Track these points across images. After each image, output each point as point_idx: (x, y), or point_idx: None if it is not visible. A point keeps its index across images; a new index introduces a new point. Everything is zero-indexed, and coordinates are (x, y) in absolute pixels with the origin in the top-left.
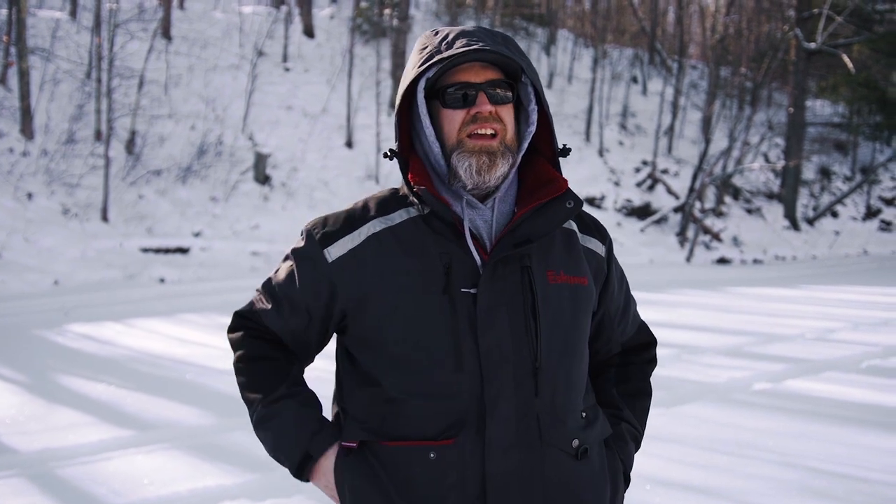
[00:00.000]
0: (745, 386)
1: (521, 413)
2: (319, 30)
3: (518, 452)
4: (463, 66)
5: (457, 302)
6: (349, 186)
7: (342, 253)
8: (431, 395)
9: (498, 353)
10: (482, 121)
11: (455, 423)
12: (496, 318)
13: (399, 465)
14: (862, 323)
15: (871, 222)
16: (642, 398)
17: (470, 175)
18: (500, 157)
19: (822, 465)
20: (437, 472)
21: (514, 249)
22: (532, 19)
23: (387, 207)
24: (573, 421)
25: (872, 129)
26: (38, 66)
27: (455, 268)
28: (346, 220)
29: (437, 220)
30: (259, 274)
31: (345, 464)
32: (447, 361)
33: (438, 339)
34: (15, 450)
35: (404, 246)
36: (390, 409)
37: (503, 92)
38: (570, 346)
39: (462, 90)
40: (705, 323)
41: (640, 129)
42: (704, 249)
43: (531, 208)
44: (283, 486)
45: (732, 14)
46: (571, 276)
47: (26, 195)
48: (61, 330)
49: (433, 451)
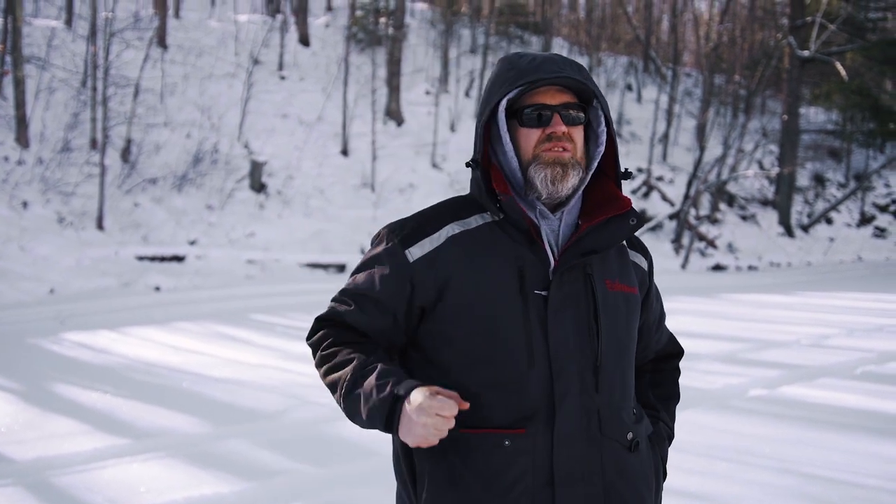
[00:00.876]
0: (740, 392)
1: (585, 408)
2: (315, 38)
3: (582, 444)
4: (541, 89)
5: (529, 303)
6: (345, 194)
7: (423, 253)
8: (505, 388)
9: (564, 352)
10: (556, 139)
11: (527, 414)
12: (563, 319)
13: (475, 451)
14: (857, 329)
15: (866, 229)
16: (673, 401)
17: (545, 185)
18: (572, 169)
19: (818, 471)
20: (512, 459)
21: (580, 258)
22: (527, 27)
23: (462, 212)
24: (627, 416)
25: (866, 136)
26: (33, 74)
27: (527, 271)
28: (424, 223)
29: (511, 226)
30: (255, 282)
31: (421, 454)
32: (520, 358)
33: (513, 337)
34: (10, 458)
35: (481, 247)
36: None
37: (575, 113)
38: (624, 348)
39: (538, 111)
40: (701, 329)
41: (634, 137)
42: (699, 256)
43: (598, 221)
44: (282, 494)
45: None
46: (625, 286)
47: (21, 204)
48: (57, 338)
49: (507, 439)
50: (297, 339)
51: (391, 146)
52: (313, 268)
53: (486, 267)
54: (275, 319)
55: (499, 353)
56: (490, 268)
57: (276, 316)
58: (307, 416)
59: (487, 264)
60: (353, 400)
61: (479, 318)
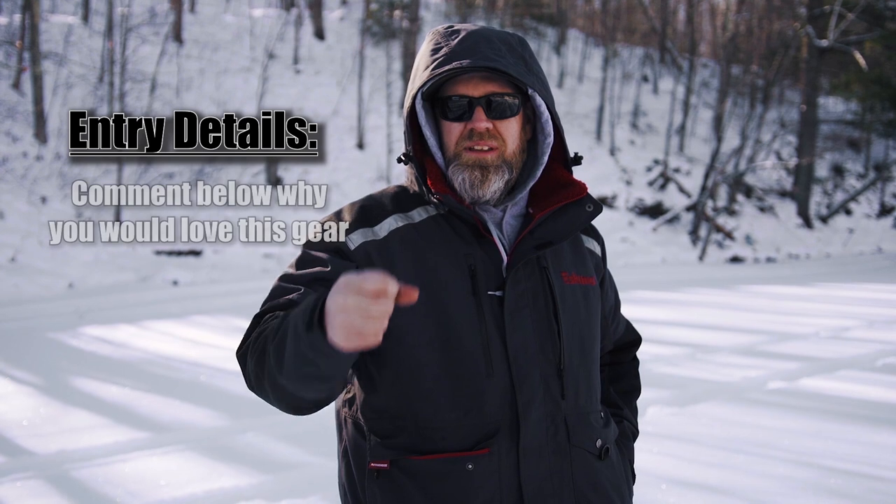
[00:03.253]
0: (759, 385)
1: (551, 416)
2: (330, 32)
3: (549, 456)
4: (464, 76)
5: (483, 305)
6: (360, 188)
7: (363, 240)
8: (462, 404)
9: (525, 357)
10: (477, 137)
11: (490, 431)
12: (521, 320)
13: (435, 479)
14: (877, 321)
15: (886, 219)
16: (634, 395)
17: (464, 189)
18: (494, 173)
19: (838, 464)
20: (476, 483)
21: (535, 251)
22: (542, 19)
23: (404, 204)
24: (595, 421)
25: (885, 125)
26: (51, 70)
27: (479, 269)
28: (361, 211)
29: (455, 219)
30: (271, 275)
31: (376, 487)
32: (477, 366)
33: (468, 344)
34: (31, 452)
35: (427, 244)
36: (415, 422)
37: (507, 102)
38: (588, 347)
39: (458, 103)
40: (719, 322)
41: (651, 128)
42: (717, 248)
43: (550, 210)
44: (299, 486)
45: (743, 12)
46: (582, 277)
47: (40, 199)
48: (75, 333)
49: (470, 462)
50: None
51: None
52: None
53: (435, 266)
54: None
55: (453, 364)
56: (439, 267)
57: None
58: (324, 409)
59: (435, 263)
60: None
61: (433, 322)
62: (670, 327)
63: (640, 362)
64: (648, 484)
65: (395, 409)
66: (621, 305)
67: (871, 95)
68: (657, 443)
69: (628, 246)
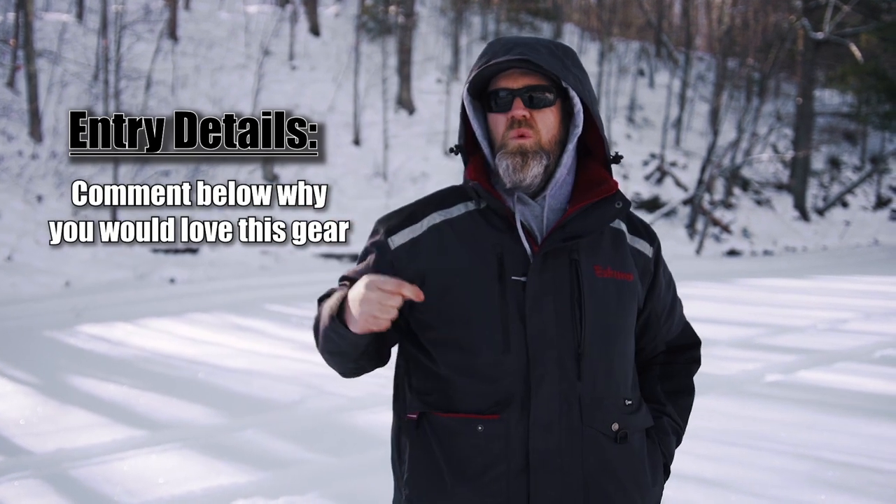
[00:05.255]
0: (756, 378)
1: (564, 395)
2: (325, 28)
3: (560, 431)
4: (507, 73)
5: (507, 289)
6: (357, 184)
7: (403, 241)
8: (479, 374)
9: (542, 338)
10: (516, 125)
11: (501, 400)
12: (543, 305)
13: (450, 435)
14: (874, 313)
15: (882, 212)
16: (685, 396)
17: (507, 174)
18: (532, 158)
19: (836, 456)
20: (484, 444)
21: (562, 243)
22: (538, 14)
23: (447, 201)
24: (614, 406)
25: (881, 118)
26: (45, 68)
27: (507, 258)
28: (409, 213)
29: (491, 213)
30: (269, 273)
31: (407, 435)
32: (495, 343)
33: (489, 322)
34: (29, 451)
35: (461, 236)
36: (443, 384)
37: (541, 96)
38: (613, 336)
39: (500, 96)
40: (716, 315)
41: (647, 122)
42: (714, 241)
43: (581, 206)
44: (297, 483)
45: (739, 5)
46: (618, 272)
47: (36, 198)
48: (73, 331)
49: (481, 424)
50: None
51: (403, 135)
52: (327, 258)
53: (465, 254)
54: (289, 310)
55: (474, 339)
56: (469, 255)
57: (290, 306)
58: (322, 406)
59: (466, 251)
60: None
61: (455, 303)
62: None
63: (699, 366)
64: None
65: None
66: (683, 310)
67: (866, 88)
68: None
69: None
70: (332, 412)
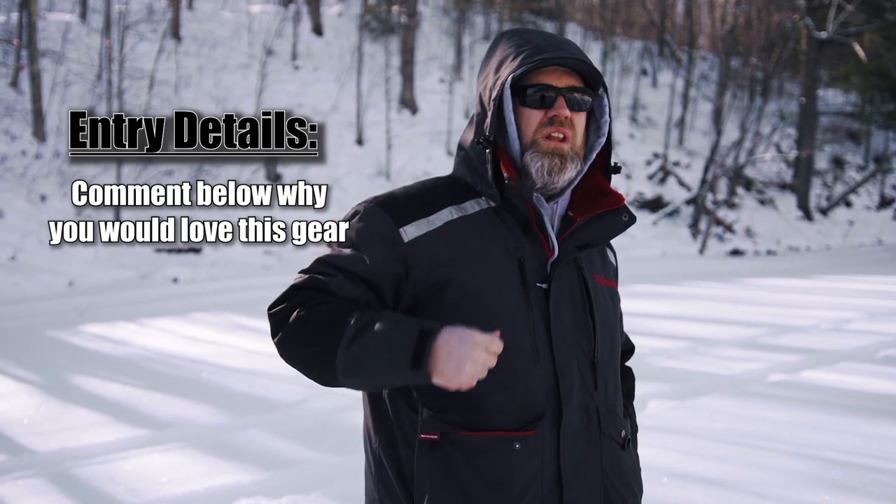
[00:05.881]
0: (760, 378)
1: (585, 405)
2: (328, 27)
3: (585, 442)
4: (547, 69)
5: (531, 295)
6: (360, 183)
7: (419, 234)
8: (511, 387)
9: (565, 348)
10: (558, 124)
11: (536, 414)
12: (562, 313)
13: (482, 455)
14: (877, 313)
15: (886, 211)
16: (632, 397)
17: (541, 175)
18: (570, 162)
19: (839, 456)
20: (523, 463)
21: (577, 252)
22: (540, 13)
23: (458, 196)
24: (620, 413)
25: (885, 117)
26: (49, 68)
27: (527, 262)
28: (419, 201)
29: (508, 214)
30: (272, 272)
31: (426, 458)
32: (525, 353)
33: (517, 331)
34: (32, 450)
35: (480, 236)
36: (464, 400)
37: (581, 98)
38: (615, 344)
39: (542, 91)
40: (719, 315)
41: (650, 122)
42: (717, 241)
43: (591, 215)
44: (301, 483)
45: (742, 4)
46: (608, 281)
47: (39, 197)
48: (76, 331)
49: (518, 442)
50: None
51: (406, 135)
52: None
53: (487, 257)
54: None
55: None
56: (491, 258)
57: None
58: (325, 406)
59: (488, 254)
60: (358, 347)
61: (484, 310)
62: (671, 321)
63: None
64: (650, 478)
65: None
66: None
67: (870, 87)
68: (658, 436)
69: (628, 239)
70: (334, 411)
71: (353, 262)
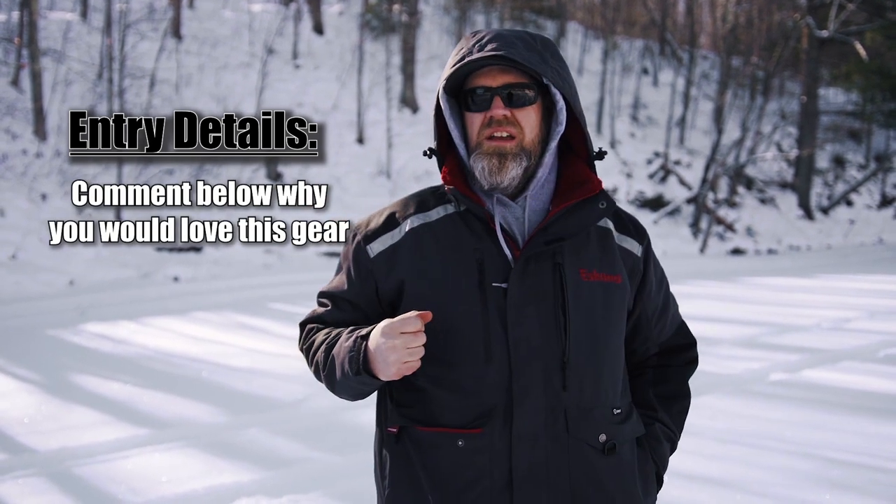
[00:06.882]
0: (761, 377)
1: (550, 406)
2: (329, 26)
3: (545, 445)
4: (483, 71)
5: (488, 296)
6: (360, 183)
7: (382, 248)
8: (461, 386)
9: (526, 347)
10: (496, 124)
11: (484, 413)
12: (526, 313)
13: (429, 450)
14: (878, 312)
15: (887, 210)
16: (680, 400)
17: (484, 176)
18: (511, 160)
19: (840, 456)
20: (465, 460)
21: (545, 247)
22: (541, 12)
23: (426, 204)
24: (601, 416)
25: (886, 116)
26: (49, 67)
27: (487, 263)
28: (387, 218)
29: (471, 216)
30: (273, 271)
31: (388, 449)
32: (477, 353)
33: (469, 331)
34: (32, 449)
35: (440, 241)
36: (423, 397)
37: (521, 93)
38: (601, 343)
39: (478, 94)
40: (720, 314)
41: (651, 121)
42: (718, 240)
43: (564, 207)
44: (301, 482)
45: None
46: (605, 275)
47: (40, 196)
48: (76, 330)
49: (461, 439)
50: None
51: (407, 134)
52: (330, 256)
53: (445, 260)
54: (293, 308)
55: (454, 350)
56: (449, 261)
57: (294, 305)
58: (326, 405)
59: (446, 258)
60: (329, 370)
61: (437, 311)
62: None
63: (695, 367)
64: None
65: (413, 382)
66: (677, 308)
67: (871, 86)
68: None
69: None
70: (335, 411)
71: (339, 289)
